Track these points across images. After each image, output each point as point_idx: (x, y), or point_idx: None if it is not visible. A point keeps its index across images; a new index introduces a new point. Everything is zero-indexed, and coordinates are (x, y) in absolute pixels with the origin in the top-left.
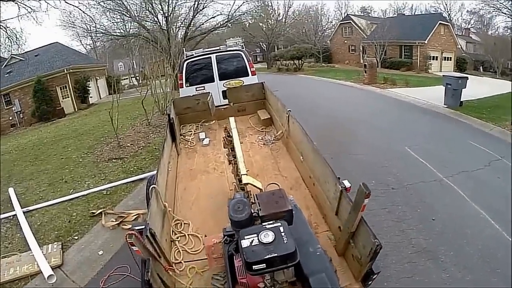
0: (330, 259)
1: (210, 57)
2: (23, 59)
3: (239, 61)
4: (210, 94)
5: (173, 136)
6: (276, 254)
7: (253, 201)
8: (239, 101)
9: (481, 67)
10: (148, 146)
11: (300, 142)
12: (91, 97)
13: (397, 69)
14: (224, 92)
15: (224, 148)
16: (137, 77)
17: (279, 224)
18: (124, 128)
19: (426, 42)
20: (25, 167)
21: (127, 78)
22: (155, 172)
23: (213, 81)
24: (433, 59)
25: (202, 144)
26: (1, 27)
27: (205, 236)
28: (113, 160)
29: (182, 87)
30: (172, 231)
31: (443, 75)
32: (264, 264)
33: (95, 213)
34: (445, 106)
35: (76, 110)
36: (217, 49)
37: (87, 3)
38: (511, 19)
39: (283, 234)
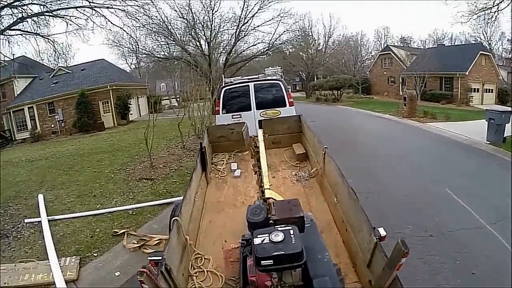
0: (339, 268)
1: (248, 85)
2: (69, 72)
3: (277, 91)
4: (245, 125)
5: (203, 165)
6: (283, 252)
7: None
8: (274, 133)
9: None
10: (180, 169)
11: (335, 183)
12: (131, 114)
13: (437, 102)
14: (260, 121)
15: (251, 158)
16: (177, 99)
17: (290, 227)
18: (159, 148)
19: (467, 73)
20: (58, 175)
21: (167, 99)
22: (182, 198)
23: (250, 109)
24: (474, 91)
25: (233, 175)
26: (50, 40)
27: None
28: (144, 180)
29: (219, 114)
30: (191, 265)
31: (486, 109)
32: (272, 261)
33: (118, 232)
34: (488, 142)
35: (116, 125)
36: (256, 78)
37: (131, 25)
38: None
39: (292, 236)
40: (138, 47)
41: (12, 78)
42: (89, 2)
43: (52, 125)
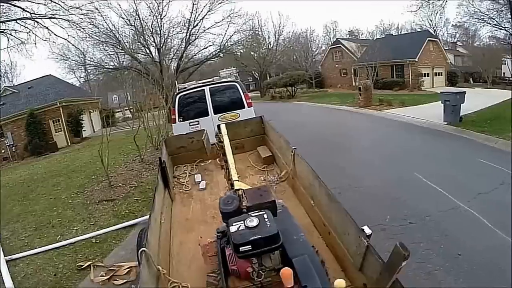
0: (317, 250)
1: (204, 89)
2: (16, 91)
3: (234, 93)
4: (205, 132)
5: (165, 182)
6: (260, 236)
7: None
8: (236, 137)
9: (470, 78)
10: (140, 185)
11: (310, 185)
12: (84, 130)
13: (390, 89)
14: (218, 126)
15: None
16: (131, 110)
17: (263, 212)
18: (117, 164)
19: (416, 59)
20: (13, 206)
21: (121, 111)
22: (147, 219)
23: (208, 114)
24: (425, 76)
25: (198, 188)
26: None
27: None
28: (104, 202)
29: (175, 122)
30: None
31: (441, 92)
32: (250, 246)
33: (83, 265)
34: (446, 123)
35: (69, 144)
36: (211, 81)
37: (77, 36)
38: (496, 28)
39: (266, 220)
40: (86, 59)
41: None
42: (30, 14)
43: (3, 151)
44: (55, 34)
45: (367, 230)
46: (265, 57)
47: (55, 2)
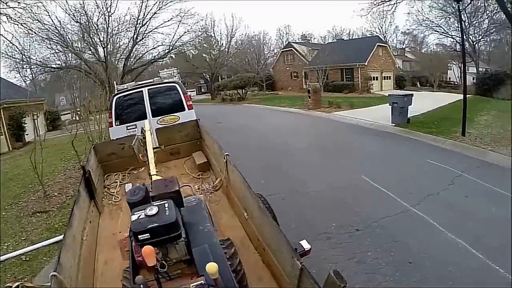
0: (231, 242)
1: (142, 91)
2: None
3: (175, 95)
4: (135, 138)
5: (91, 193)
6: (157, 224)
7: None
8: (171, 142)
9: (418, 82)
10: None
11: (243, 196)
12: (27, 134)
13: (340, 92)
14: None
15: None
16: (78, 112)
17: (165, 202)
18: (56, 171)
19: (366, 64)
20: None
21: (68, 113)
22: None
23: (146, 118)
24: (374, 79)
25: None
26: None
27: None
28: (38, 214)
29: (112, 126)
30: None
31: (389, 95)
32: (148, 234)
33: (11, 286)
34: (393, 124)
35: (11, 149)
36: (150, 82)
37: (16, 32)
38: (444, 36)
39: (166, 209)
40: (29, 57)
41: None
42: None
43: None
44: None
45: (306, 245)
46: (216, 59)
47: None
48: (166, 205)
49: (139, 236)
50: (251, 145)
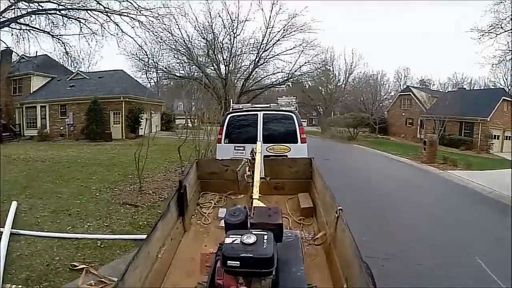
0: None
1: (257, 114)
2: (87, 77)
3: (290, 124)
4: (242, 162)
5: (181, 209)
6: (251, 255)
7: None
8: (278, 176)
9: None
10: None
11: (348, 263)
12: (141, 128)
13: (456, 147)
14: (266, 157)
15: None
16: (192, 120)
17: (265, 232)
18: (157, 170)
19: (488, 119)
20: (45, 182)
21: (183, 118)
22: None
23: (256, 142)
24: (495, 138)
25: (218, 224)
26: (60, 41)
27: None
28: (127, 205)
29: (220, 143)
30: None
31: None
32: (239, 262)
33: (77, 266)
34: None
35: (124, 138)
36: (267, 107)
37: (147, 38)
38: None
39: (265, 241)
40: (153, 62)
41: (30, 74)
42: (104, 7)
43: (61, 128)
44: (122, 31)
45: None
46: (332, 93)
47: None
48: (266, 237)
49: (228, 262)
50: (352, 191)
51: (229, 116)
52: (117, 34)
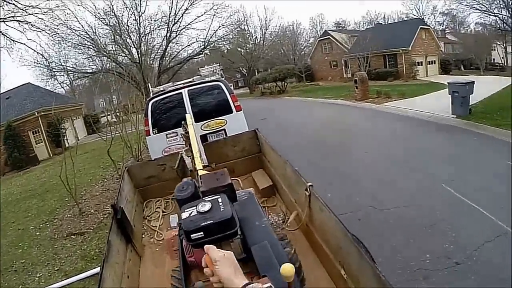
0: (284, 234)
1: (181, 92)
2: None
3: (219, 94)
4: (179, 156)
5: (126, 236)
6: (212, 221)
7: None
8: (223, 159)
9: (462, 66)
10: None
11: (338, 245)
12: (67, 139)
13: (384, 80)
14: (203, 137)
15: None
16: (117, 114)
17: (218, 196)
18: (94, 181)
19: (410, 48)
20: None
21: (106, 115)
22: None
23: None
24: (419, 64)
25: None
26: None
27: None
28: (72, 236)
29: (149, 135)
30: None
31: (448, 83)
32: (202, 233)
33: None
34: (455, 116)
35: (51, 155)
36: (190, 82)
37: (39, 40)
38: (486, 14)
39: (220, 204)
40: (59, 64)
41: None
42: None
43: None
44: (12, 40)
45: None
46: (252, 52)
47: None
48: (220, 200)
49: (191, 236)
50: (303, 144)
51: (151, 102)
52: (6, 44)
